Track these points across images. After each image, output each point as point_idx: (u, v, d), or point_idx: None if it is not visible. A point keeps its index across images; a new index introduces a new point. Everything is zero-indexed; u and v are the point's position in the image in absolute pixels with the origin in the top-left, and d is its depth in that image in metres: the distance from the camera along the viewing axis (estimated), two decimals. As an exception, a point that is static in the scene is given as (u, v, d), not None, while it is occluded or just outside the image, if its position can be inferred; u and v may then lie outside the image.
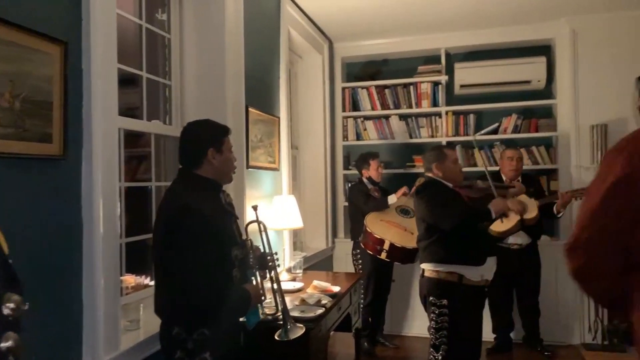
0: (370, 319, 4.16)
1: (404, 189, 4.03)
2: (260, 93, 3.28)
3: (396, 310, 4.56)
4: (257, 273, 1.98)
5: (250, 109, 3.02)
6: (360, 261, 4.10)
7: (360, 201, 4.06)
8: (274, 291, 2.04)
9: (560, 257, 4.13)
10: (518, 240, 3.87)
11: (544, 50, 4.53)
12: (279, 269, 3.34)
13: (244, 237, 2.02)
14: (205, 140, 1.85)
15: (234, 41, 2.83)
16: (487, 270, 2.82)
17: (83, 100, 1.79)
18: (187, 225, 1.69)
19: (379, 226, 3.84)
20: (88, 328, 1.76)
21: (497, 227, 3.61)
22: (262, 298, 1.95)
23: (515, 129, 4.53)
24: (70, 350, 1.73)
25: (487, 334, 4.03)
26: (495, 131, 4.57)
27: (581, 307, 4.20)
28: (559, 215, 3.85)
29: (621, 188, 1.22)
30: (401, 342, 4.39)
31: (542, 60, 4.38)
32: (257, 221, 2.10)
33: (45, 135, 1.63)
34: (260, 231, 2.09)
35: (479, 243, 2.82)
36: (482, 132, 4.55)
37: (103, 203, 1.81)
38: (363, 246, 3.92)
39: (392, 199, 4.02)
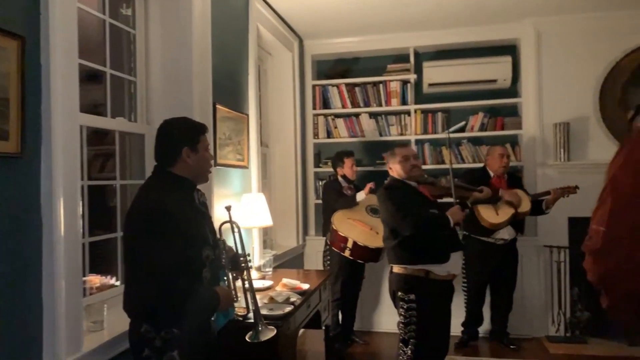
0: (340, 316, 4.19)
1: (370, 185, 4.05)
2: (229, 90, 3.26)
3: (366, 307, 4.60)
4: (230, 274, 1.97)
5: (218, 106, 2.99)
6: (328, 258, 4.12)
7: (332, 199, 4.09)
8: (245, 292, 2.04)
9: (525, 252, 4.26)
10: (505, 235, 3.95)
11: (509, 50, 4.63)
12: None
13: (218, 237, 1.99)
14: (180, 139, 1.83)
15: (201, 37, 2.80)
16: (452, 266, 2.86)
17: (42, 96, 1.75)
18: (156, 224, 1.68)
19: (344, 224, 3.88)
20: (48, 329, 1.72)
21: (492, 219, 3.75)
22: (234, 300, 1.94)
23: (482, 127, 4.62)
24: (30, 351, 1.68)
25: (455, 327, 4.11)
26: (462, 129, 4.65)
27: (545, 301, 4.32)
28: (547, 211, 3.95)
29: None
30: (371, 338, 4.43)
31: (507, 60, 4.47)
32: (230, 222, 2.09)
33: (1, 133, 1.58)
34: (233, 232, 2.07)
35: (441, 242, 2.85)
36: (451, 129, 4.64)
37: (64, 202, 1.77)
38: (329, 243, 3.95)
39: (360, 195, 4.05)
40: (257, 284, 3.05)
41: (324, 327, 3.43)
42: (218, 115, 3.00)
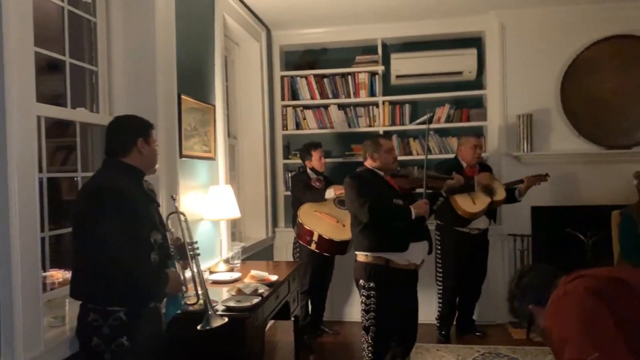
0: (310, 308, 4.22)
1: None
2: (194, 80, 3.21)
3: (336, 297, 4.64)
4: (178, 263, 2.01)
5: (183, 97, 2.95)
6: (298, 250, 4.13)
7: (299, 191, 4.08)
8: (195, 280, 2.06)
9: (490, 241, 4.34)
10: (480, 224, 4.00)
11: (475, 42, 4.70)
12: (214, 260, 3.32)
13: (166, 227, 2.04)
14: (136, 130, 1.96)
15: (165, 26, 2.74)
16: (412, 255, 2.89)
17: (-5, 85, 1.68)
18: (107, 200, 1.76)
19: (311, 217, 3.87)
20: (5, 325, 1.68)
21: (470, 208, 3.80)
22: (183, 288, 1.99)
23: (448, 119, 4.68)
24: (-14, 349, 1.64)
25: (427, 315, 4.19)
26: (429, 120, 4.70)
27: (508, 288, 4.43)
28: (520, 199, 4.04)
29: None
30: (341, 328, 4.47)
31: (472, 52, 4.54)
32: (177, 212, 2.13)
33: (-49, 123, 1.52)
34: (179, 221, 2.11)
35: (400, 231, 2.88)
36: (417, 121, 4.70)
37: (19, 195, 1.71)
38: (296, 236, 3.95)
39: (329, 193, 4.03)
40: (225, 276, 3.04)
41: (293, 318, 3.44)
42: (183, 106, 2.96)
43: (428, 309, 4.11)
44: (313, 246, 3.80)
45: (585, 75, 4.31)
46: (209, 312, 2.03)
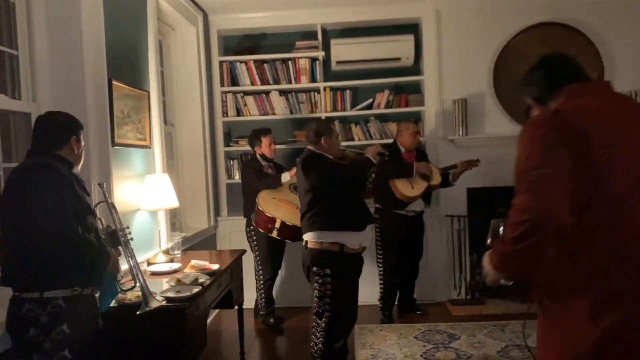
0: (273, 296, 4.24)
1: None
2: (126, 65, 3.08)
3: (284, 283, 4.63)
4: (111, 250, 2.01)
5: (114, 82, 2.82)
6: (255, 239, 4.08)
7: (253, 179, 4.01)
8: (130, 266, 2.06)
9: (429, 222, 4.47)
10: (416, 207, 4.13)
11: (412, 28, 4.78)
12: (153, 251, 3.23)
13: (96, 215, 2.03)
14: (70, 127, 1.97)
15: (91, 7, 2.60)
16: (364, 237, 3.00)
17: None
18: (45, 175, 1.77)
19: (270, 204, 3.82)
20: None
21: (408, 192, 3.92)
22: (120, 273, 2.02)
23: (388, 105, 4.76)
24: None
25: (369, 297, 4.28)
26: (370, 106, 4.77)
27: (447, 267, 4.61)
28: (453, 183, 4.18)
29: None
30: (287, 314, 4.47)
31: (410, 39, 4.62)
32: (105, 200, 2.13)
33: None
34: (109, 209, 2.12)
35: (359, 211, 3.00)
36: (359, 107, 4.75)
37: None
38: (255, 225, 3.89)
39: (285, 177, 4.02)
40: (164, 267, 2.97)
41: (236, 307, 3.42)
42: (115, 92, 2.83)
43: (370, 291, 4.20)
44: (274, 233, 3.74)
45: (515, 61, 4.48)
46: (146, 294, 2.03)
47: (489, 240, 1.70)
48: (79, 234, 1.78)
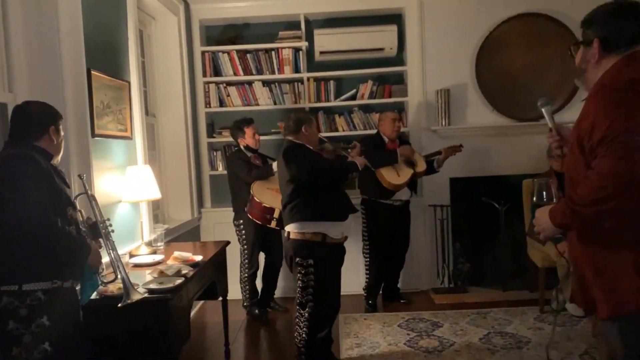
0: (262, 287, 4.25)
1: None
2: (106, 55, 3.03)
3: (287, 274, 4.59)
4: (92, 242, 1.99)
5: (93, 72, 2.77)
6: (243, 231, 4.06)
7: (243, 171, 3.97)
8: (111, 258, 2.05)
9: (412, 212, 4.50)
10: (402, 196, 4.15)
11: (395, 19, 4.78)
12: (135, 243, 3.21)
13: (76, 207, 2.01)
14: (48, 117, 1.94)
15: (68, -4, 2.55)
16: (346, 227, 3.01)
17: None
18: (25, 166, 1.75)
19: (266, 195, 3.78)
20: None
21: (395, 180, 3.94)
22: (101, 265, 2.00)
23: (372, 95, 4.76)
24: None
25: (354, 286, 4.31)
26: (354, 97, 4.77)
27: (430, 256, 4.65)
28: (438, 170, 4.22)
29: None
30: (290, 304, 4.45)
31: (393, 29, 4.62)
32: (85, 192, 2.11)
33: None
34: (89, 200, 2.10)
35: (341, 201, 3.02)
36: (342, 97, 4.74)
37: None
38: (250, 216, 3.84)
39: (276, 166, 3.99)
40: (146, 259, 2.95)
41: (220, 298, 3.42)
42: (94, 82, 2.78)
43: (354, 280, 4.23)
44: (273, 224, 3.71)
45: (497, 51, 4.53)
46: (128, 286, 2.02)
47: (534, 198, 1.75)
48: (58, 227, 1.75)
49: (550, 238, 1.69)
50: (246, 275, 4.13)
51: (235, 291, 4.11)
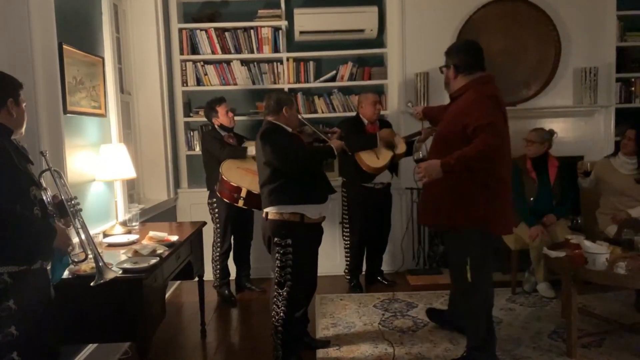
0: (235, 267, 4.25)
1: None
2: (79, 30, 2.94)
3: (263, 255, 4.60)
4: (59, 222, 1.92)
5: (65, 47, 2.69)
6: (216, 210, 4.03)
7: (216, 149, 3.92)
8: (80, 237, 1.99)
9: (392, 194, 4.49)
10: (384, 179, 4.14)
11: (376, 0, 4.74)
12: (110, 223, 3.16)
13: (40, 185, 1.93)
14: (5, 90, 1.80)
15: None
16: (324, 208, 3.01)
17: None
18: None
19: (235, 174, 3.75)
20: None
21: (374, 163, 3.92)
22: (70, 247, 1.91)
23: (351, 77, 4.74)
24: None
25: (334, 268, 4.33)
26: (333, 78, 4.74)
27: (406, 238, 4.70)
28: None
29: None
30: (268, 285, 4.46)
31: (374, 10, 4.58)
32: (49, 169, 2.02)
33: None
34: (54, 178, 2.01)
35: (319, 183, 3.01)
36: (322, 79, 4.71)
37: None
38: (219, 194, 3.81)
39: (252, 150, 3.94)
40: (121, 238, 2.91)
41: (197, 278, 3.41)
42: (66, 57, 2.70)
43: (330, 262, 4.26)
44: (240, 203, 3.66)
45: (477, 35, 4.52)
46: (100, 265, 1.98)
47: (420, 155, 2.76)
48: (16, 213, 1.66)
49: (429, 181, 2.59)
50: (217, 254, 4.10)
51: (211, 271, 4.11)
